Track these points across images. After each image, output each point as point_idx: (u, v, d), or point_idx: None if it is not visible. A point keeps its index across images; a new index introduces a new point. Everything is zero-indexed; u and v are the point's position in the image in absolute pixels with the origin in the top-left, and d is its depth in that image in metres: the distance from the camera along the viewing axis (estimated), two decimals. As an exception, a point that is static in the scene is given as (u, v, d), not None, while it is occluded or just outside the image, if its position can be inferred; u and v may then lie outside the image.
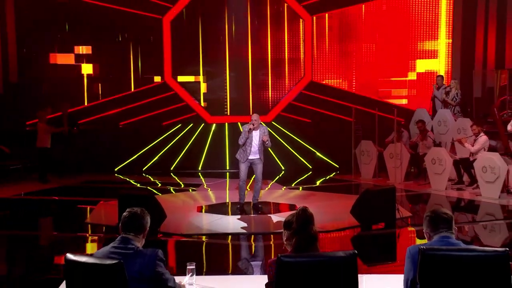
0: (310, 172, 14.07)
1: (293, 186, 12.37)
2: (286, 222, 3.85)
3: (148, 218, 3.84)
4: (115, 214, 7.76)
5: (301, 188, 12.12)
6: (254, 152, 9.18)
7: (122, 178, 13.50)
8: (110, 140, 13.97)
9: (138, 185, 12.67)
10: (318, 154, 14.53)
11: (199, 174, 13.97)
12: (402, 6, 14.75)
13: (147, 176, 13.76)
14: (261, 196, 9.82)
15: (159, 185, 12.54)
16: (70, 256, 3.54)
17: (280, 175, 13.62)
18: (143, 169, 14.22)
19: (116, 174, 13.90)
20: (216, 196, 11.19)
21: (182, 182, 12.89)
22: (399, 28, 14.77)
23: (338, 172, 13.90)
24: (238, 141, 9.25)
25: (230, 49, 14.65)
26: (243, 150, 9.20)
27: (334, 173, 13.87)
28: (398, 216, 8.41)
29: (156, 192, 11.29)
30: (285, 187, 12.03)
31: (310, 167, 14.37)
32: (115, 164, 14.16)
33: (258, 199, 9.58)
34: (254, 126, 9.05)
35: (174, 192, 11.75)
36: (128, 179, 13.30)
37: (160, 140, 14.34)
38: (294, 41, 14.78)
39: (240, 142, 9.20)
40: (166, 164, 14.29)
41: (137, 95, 14.48)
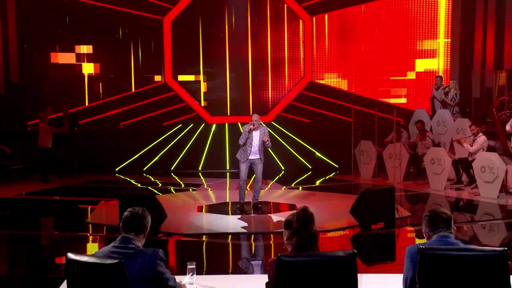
0: (310, 172, 14.08)
1: (293, 186, 12.38)
2: (287, 221, 3.87)
3: (149, 218, 3.83)
4: (116, 214, 7.78)
5: (300, 188, 12.15)
6: (254, 152, 9.20)
7: (123, 178, 13.50)
8: (111, 140, 13.96)
9: (139, 185, 12.69)
10: (317, 154, 14.55)
11: (200, 174, 13.97)
12: (401, 5, 14.74)
13: (148, 176, 13.77)
14: (261, 196, 9.84)
15: (160, 185, 12.55)
16: (71, 255, 3.55)
17: (280, 175, 13.62)
18: (144, 169, 14.22)
19: (117, 174, 13.90)
20: (216, 196, 11.21)
21: (182, 182, 12.91)
22: (398, 27, 14.77)
23: (338, 172, 13.90)
24: (238, 141, 9.28)
25: (230, 49, 14.63)
26: (244, 150, 9.22)
27: (334, 173, 13.88)
28: (397, 215, 8.44)
29: (156, 192, 11.29)
30: (285, 187, 12.04)
31: (310, 167, 14.38)
32: (116, 164, 14.15)
33: (258, 199, 9.60)
34: (254, 126, 9.07)
35: (174, 192, 11.77)
36: (128, 179, 13.31)
37: (160, 140, 14.34)
38: (293, 41, 14.77)
39: (240, 142, 9.22)
40: (167, 164, 14.30)
41: (137, 96, 14.48)
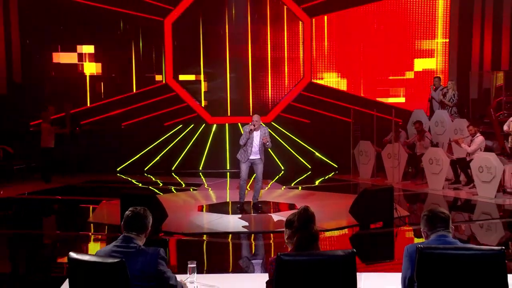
0: (309, 172, 14.14)
1: (292, 185, 12.43)
2: (288, 221, 3.93)
3: (150, 218, 3.85)
4: (117, 213, 7.82)
5: (300, 187, 12.21)
6: (255, 152, 9.25)
7: (124, 178, 13.56)
8: (112, 140, 14.00)
9: (140, 184, 12.73)
10: (317, 154, 14.61)
11: (200, 174, 14.02)
12: (399, 5, 14.76)
13: (149, 176, 13.82)
14: (261, 195, 9.88)
15: (161, 184, 12.59)
16: (73, 254, 3.57)
17: (279, 175, 13.67)
18: (145, 169, 14.27)
19: (118, 174, 13.95)
20: (216, 195, 11.24)
21: (183, 182, 12.95)
22: (397, 27, 14.81)
23: (337, 172, 13.95)
24: (239, 141, 9.33)
25: (231, 50, 14.68)
26: (244, 150, 9.27)
27: (333, 173, 13.93)
28: (396, 215, 8.49)
29: (157, 191, 11.31)
30: (284, 187, 12.09)
31: (309, 167, 14.44)
32: (117, 164, 14.21)
33: (258, 199, 9.64)
34: (255, 126, 9.12)
35: (175, 191, 11.80)
36: (130, 179, 13.36)
37: (161, 140, 14.40)
38: (293, 42, 14.81)
39: (241, 143, 9.26)
40: (168, 164, 14.35)
41: (139, 96, 14.52)
